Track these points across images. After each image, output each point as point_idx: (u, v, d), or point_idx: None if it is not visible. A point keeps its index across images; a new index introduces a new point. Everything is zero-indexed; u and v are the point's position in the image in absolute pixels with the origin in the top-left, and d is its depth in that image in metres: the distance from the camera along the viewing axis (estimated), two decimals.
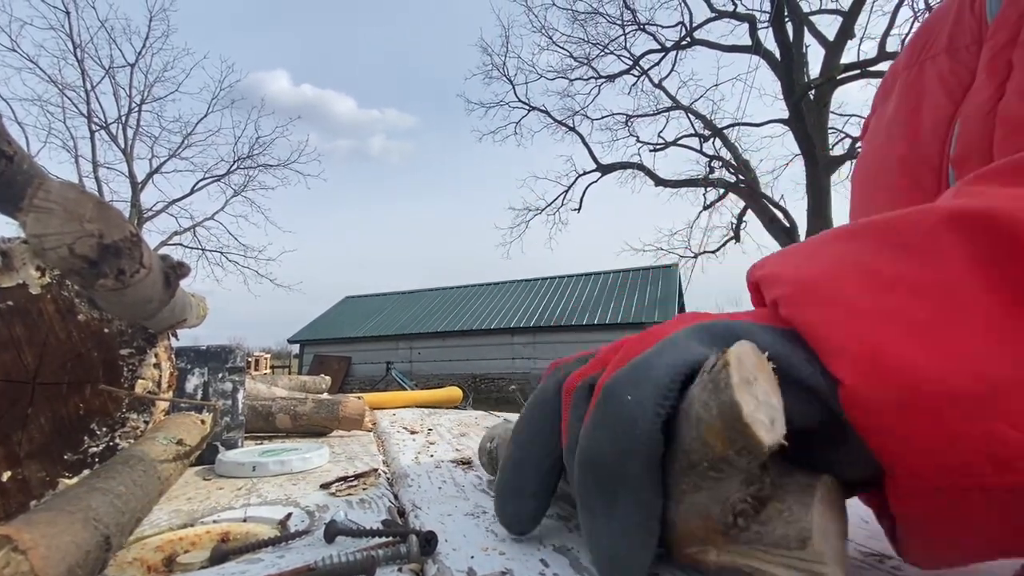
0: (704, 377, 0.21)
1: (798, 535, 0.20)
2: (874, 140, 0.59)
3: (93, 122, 11.81)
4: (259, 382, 1.06)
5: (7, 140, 0.42)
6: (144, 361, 0.45)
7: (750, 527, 0.21)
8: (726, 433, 0.20)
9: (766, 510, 0.21)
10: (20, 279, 0.40)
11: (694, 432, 0.21)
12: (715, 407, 0.20)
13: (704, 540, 0.23)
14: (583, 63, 10.67)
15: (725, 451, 0.20)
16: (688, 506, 0.23)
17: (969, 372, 0.18)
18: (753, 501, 0.21)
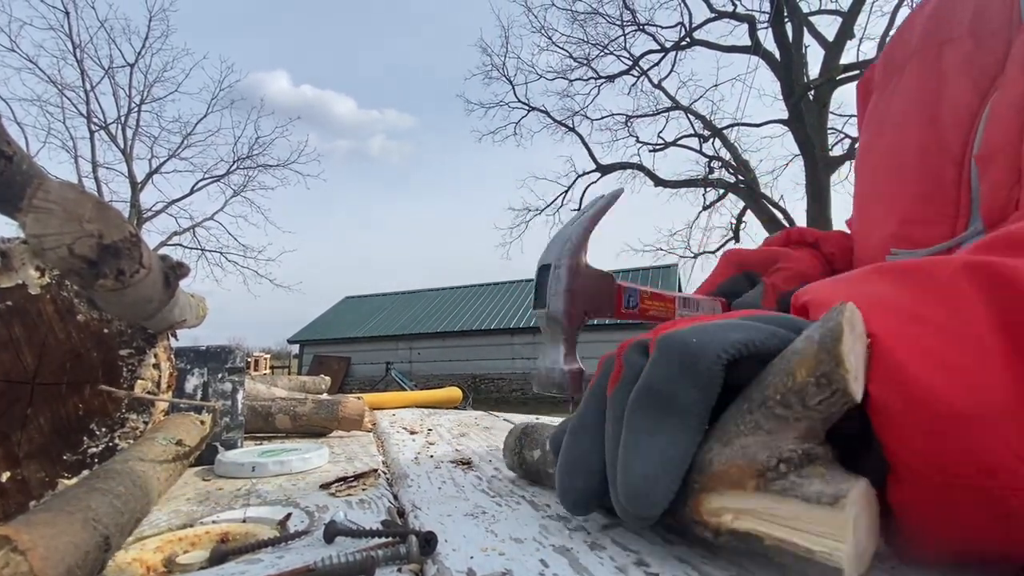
0: (814, 324, 0.23)
1: (834, 493, 0.21)
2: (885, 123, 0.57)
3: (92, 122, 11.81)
4: (259, 382, 1.06)
5: (6, 140, 0.42)
6: (143, 361, 0.45)
7: (788, 475, 0.22)
8: (817, 357, 0.22)
9: (811, 467, 0.22)
10: (19, 279, 0.40)
11: (782, 364, 0.23)
12: (817, 335, 0.22)
13: (735, 485, 0.24)
14: (583, 63, 10.68)
15: (806, 379, 0.22)
16: (736, 448, 0.24)
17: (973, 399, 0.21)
18: (802, 454, 0.23)
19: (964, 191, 0.47)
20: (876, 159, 0.59)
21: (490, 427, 0.87)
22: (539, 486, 0.47)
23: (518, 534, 0.34)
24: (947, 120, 0.48)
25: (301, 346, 14.48)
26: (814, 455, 0.22)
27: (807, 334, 0.23)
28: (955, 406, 0.21)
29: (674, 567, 0.28)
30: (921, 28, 0.54)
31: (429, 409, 1.24)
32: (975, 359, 0.21)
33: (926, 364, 0.22)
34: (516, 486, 0.47)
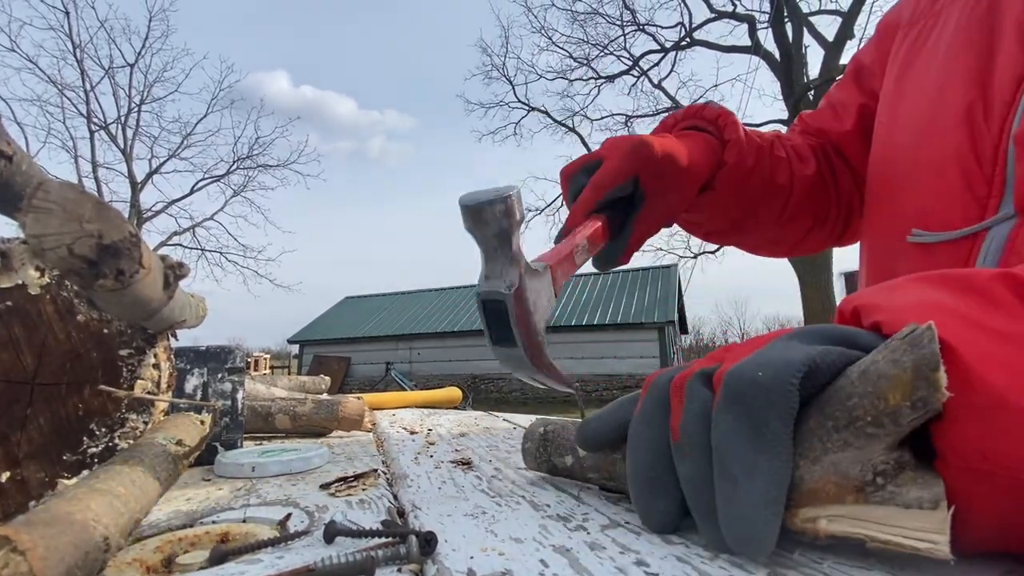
0: (894, 342, 0.24)
1: (932, 497, 0.22)
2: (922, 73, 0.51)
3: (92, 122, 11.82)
4: (258, 382, 1.06)
5: (6, 140, 0.42)
6: (143, 361, 0.45)
7: (887, 487, 0.23)
8: (913, 383, 0.22)
9: (903, 475, 0.23)
10: (19, 279, 0.40)
11: (868, 388, 0.24)
12: (909, 361, 0.23)
13: (832, 499, 0.25)
14: (583, 63, 10.68)
15: (901, 403, 0.23)
16: (827, 465, 0.25)
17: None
18: (895, 464, 0.24)
19: (1000, 170, 0.43)
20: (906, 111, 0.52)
21: (490, 427, 0.87)
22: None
23: (518, 534, 0.34)
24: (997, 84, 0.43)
25: (301, 346, 14.47)
26: (904, 462, 0.24)
27: (893, 358, 0.23)
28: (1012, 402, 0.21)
29: (674, 567, 0.28)
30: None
31: (429, 409, 1.24)
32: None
33: (987, 361, 0.22)
34: (516, 486, 0.47)
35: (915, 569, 0.27)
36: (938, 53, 0.49)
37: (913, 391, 0.22)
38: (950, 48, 0.48)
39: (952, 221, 0.46)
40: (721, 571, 0.28)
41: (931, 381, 0.22)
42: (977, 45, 0.46)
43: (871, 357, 0.25)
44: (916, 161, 0.50)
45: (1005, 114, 0.43)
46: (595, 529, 0.35)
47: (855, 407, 0.24)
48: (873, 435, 0.24)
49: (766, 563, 0.28)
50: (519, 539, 0.33)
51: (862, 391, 0.24)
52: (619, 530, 0.34)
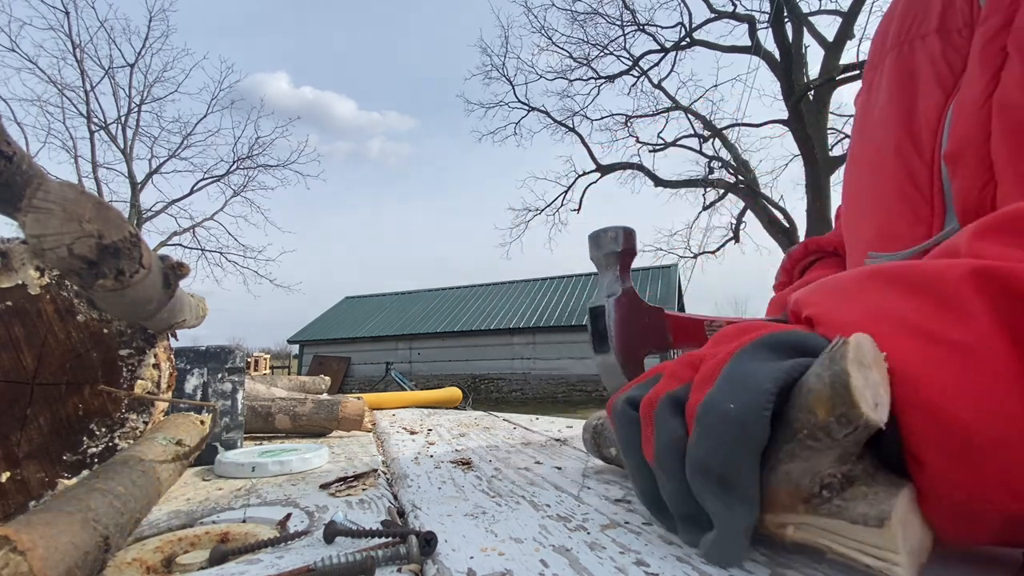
0: (823, 356, 0.23)
1: (878, 515, 0.22)
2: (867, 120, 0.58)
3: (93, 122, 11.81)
4: (258, 382, 1.06)
5: (6, 140, 0.42)
6: (143, 361, 0.45)
7: (833, 500, 0.23)
8: (831, 400, 0.22)
9: (852, 489, 0.23)
10: (19, 280, 0.40)
11: (803, 400, 0.23)
12: (827, 376, 0.22)
13: (787, 508, 0.25)
14: (583, 63, 10.68)
15: (827, 418, 0.22)
16: (780, 474, 0.25)
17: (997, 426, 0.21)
18: (842, 478, 0.23)
19: (937, 192, 0.47)
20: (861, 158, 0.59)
21: (490, 427, 0.87)
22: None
23: (518, 534, 0.34)
24: (920, 119, 0.48)
25: (301, 346, 14.47)
26: (853, 476, 0.23)
27: (817, 371, 0.23)
28: (982, 434, 0.21)
29: (674, 567, 0.28)
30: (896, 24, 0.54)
31: (429, 409, 1.24)
32: (994, 383, 0.21)
33: (949, 392, 0.22)
34: (516, 486, 0.47)
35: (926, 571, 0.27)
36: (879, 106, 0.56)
37: (833, 407, 0.22)
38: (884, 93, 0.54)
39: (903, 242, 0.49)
40: (721, 571, 0.28)
41: (846, 397, 0.21)
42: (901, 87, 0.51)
43: (812, 369, 0.24)
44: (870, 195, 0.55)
45: (933, 141, 0.47)
46: (595, 529, 0.35)
47: (795, 420, 0.24)
48: (814, 448, 0.23)
49: (766, 562, 0.28)
50: (519, 539, 0.33)
51: (799, 404, 0.24)
52: (619, 530, 0.34)
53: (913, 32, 0.51)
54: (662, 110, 10.42)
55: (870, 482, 0.23)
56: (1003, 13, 0.42)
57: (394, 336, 13.20)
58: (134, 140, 12.21)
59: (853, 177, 0.61)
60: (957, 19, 0.47)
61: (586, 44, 10.51)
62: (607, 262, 0.59)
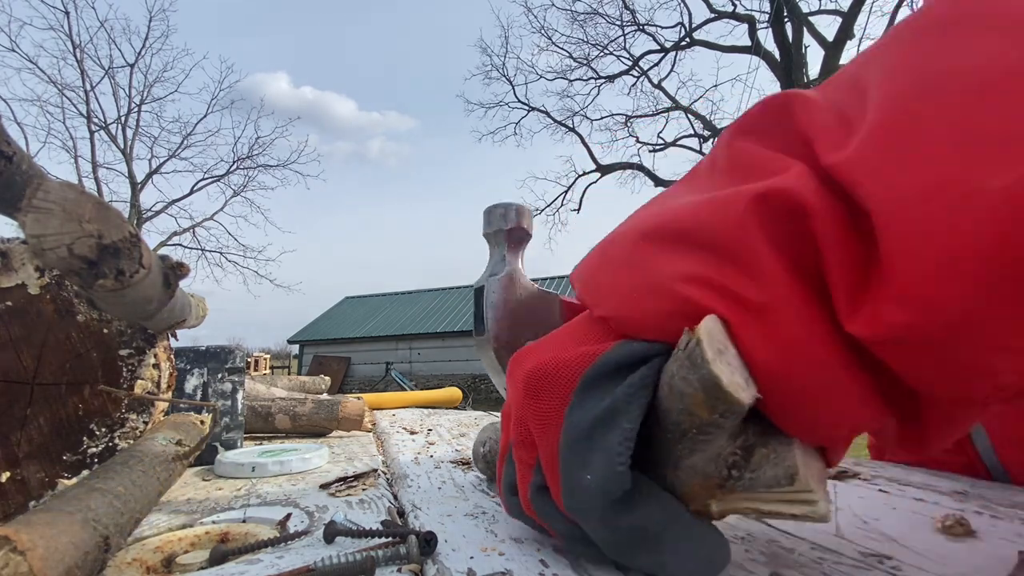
0: (680, 355, 0.23)
1: (786, 473, 0.22)
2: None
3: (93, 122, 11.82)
4: (258, 382, 1.06)
5: (6, 140, 0.42)
6: (143, 361, 0.45)
7: (743, 476, 0.23)
8: (709, 403, 0.22)
9: (754, 457, 0.23)
10: (19, 279, 0.40)
11: (680, 404, 0.23)
12: (696, 381, 0.22)
13: (704, 497, 0.25)
14: (582, 63, 10.68)
15: (711, 416, 0.22)
16: (686, 470, 0.24)
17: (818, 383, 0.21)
18: (742, 452, 0.23)
19: None
20: None
21: None
22: None
23: (518, 534, 0.34)
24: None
25: (301, 346, 14.47)
26: (750, 445, 0.23)
27: (683, 375, 0.22)
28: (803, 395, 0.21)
29: None
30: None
31: (429, 409, 1.24)
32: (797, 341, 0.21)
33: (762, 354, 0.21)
34: None
35: (916, 568, 0.27)
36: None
37: (714, 407, 0.22)
38: None
39: None
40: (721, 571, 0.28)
41: (722, 398, 0.21)
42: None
43: (670, 369, 0.23)
44: None
45: None
46: None
47: (679, 422, 0.23)
48: (708, 438, 0.23)
49: (766, 562, 0.28)
50: (519, 539, 0.33)
51: (676, 407, 0.23)
52: None
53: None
54: (662, 110, 10.42)
55: (765, 441, 0.23)
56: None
57: (394, 336, 13.21)
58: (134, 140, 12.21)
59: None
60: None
61: (586, 44, 10.52)
62: (496, 239, 0.55)
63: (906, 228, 0.18)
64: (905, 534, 0.32)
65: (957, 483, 0.44)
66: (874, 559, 0.28)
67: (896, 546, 0.30)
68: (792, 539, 0.32)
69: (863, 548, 0.30)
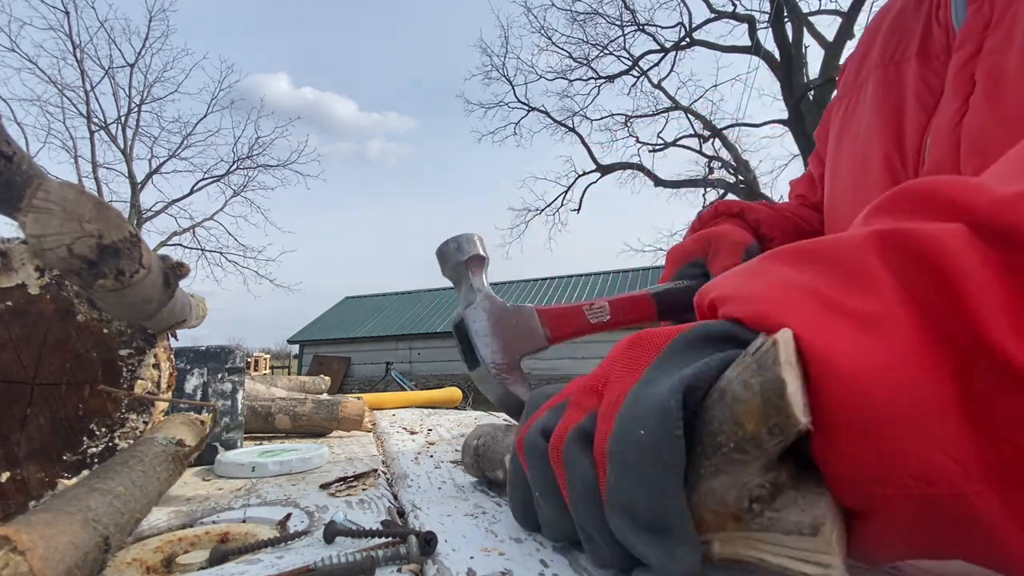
0: (747, 359, 0.21)
1: (812, 522, 0.20)
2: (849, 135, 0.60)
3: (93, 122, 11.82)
4: (258, 382, 1.06)
5: (6, 140, 0.42)
6: (143, 361, 0.45)
7: (764, 513, 0.21)
8: (764, 410, 0.20)
9: (781, 497, 0.21)
10: (19, 279, 0.40)
11: (726, 412, 0.21)
12: (757, 384, 0.20)
13: (714, 527, 0.23)
14: (582, 63, 10.68)
15: (758, 429, 0.20)
16: (703, 492, 0.23)
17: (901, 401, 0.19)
18: (770, 487, 0.21)
19: None
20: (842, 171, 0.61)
21: None
22: None
23: (518, 534, 0.34)
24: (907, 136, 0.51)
25: (301, 346, 14.47)
26: (780, 483, 0.21)
27: (744, 378, 0.21)
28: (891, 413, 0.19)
29: None
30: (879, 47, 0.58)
31: (429, 409, 1.24)
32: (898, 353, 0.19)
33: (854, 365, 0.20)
34: None
35: (916, 567, 0.27)
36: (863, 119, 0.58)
37: (765, 418, 0.20)
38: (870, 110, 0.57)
39: None
40: (721, 571, 0.28)
41: (780, 408, 0.19)
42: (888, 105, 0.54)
43: (729, 373, 0.22)
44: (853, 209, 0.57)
45: (916, 159, 0.50)
46: None
47: (718, 432, 0.22)
48: (741, 461, 0.21)
49: None
50: (519, 539, 0.33)
51: (721, 415, 0.22)
52: None
53: (898, 55, 0.55)
54: (662, 110, 10.42)
55: (797, 485, 0.21)
56: (974, 41, 0.45)
57: (394, 336, 13.20)
58: (134, 140, 12.22)
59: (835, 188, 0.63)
60: (935, 45, 0.51)
61: (586, 44, 10.52)
62: (457, 274, 0.56)
63: None
64: None
65: None
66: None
67: None
68: None
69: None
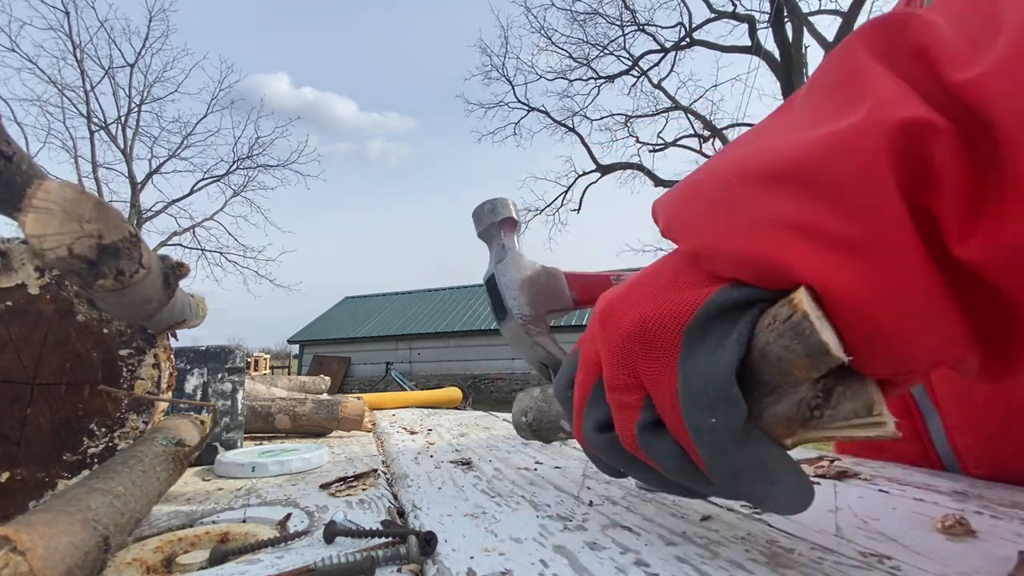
0: (780, 326, 0.24)
1: (864, 405, 0.23)
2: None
3: (93, 122, 11.82)
4: (258, 382, 1.06)
5: (6, 140, 0.42)
6: (143, 361, 0.45)
7: (824, 413, 0.24)
8: (811, 362, 0.23)
9: (833, 396, 0.24)
10: (19, 279, 0.40)
11: (774, 368, 0.24)
12: (802, 350, 0.23)
13: (785, 435, 0.26)
14: (582, 64, 10.68)
15: (807, 374, 0.23)
16: (768, 416, 0.26)
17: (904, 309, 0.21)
18: (824, 394, 0.24)
19: None
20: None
21: (490, 427, 0.87)
22: (540, 485, 0.47)
23: (518, 534, 0.34)
24: None
25: (301, 346, 14.47)
26: (829, 386, 0.24)
27: (783, 343, 0.23)
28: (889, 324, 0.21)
29: (674, 567, 0.28)
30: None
31: (429, 409, 1.24)
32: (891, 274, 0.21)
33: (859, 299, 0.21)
34: (516, 486, 0.47)
35: (916, 568, 0.27)
36: None
37: (814, 368, 0.23)
38: None
39: None
40: (721, 571, 0.28)
41: (825, 360, 0.22)
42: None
43: (764, 337, 0.24)
44: None
45: None
46: (595, 529, 0.35)
47: (770, 381, 0.25)
48: (795, 391, 0.25)
49: (766, 562, 0.28)
50: (519, 539, 0.33)
51: (770, 371, 0.24)
52: (619, 530, 0.34)
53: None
54: (662, 110, 10.42)
55: (842, 379, 0.24)
56: None
57: (394, 336, 13.20)
58: (134, 140, 12.22)
59: None
60: None
61: (586, 44, 10.52)
62: (490, 234, 0.60)
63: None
64: (905, 534, 0.32)
65: (957, 483, 0.44)
66: (874, 559, 0.29)
67: (896, 546, 0.30)
68: (792, 539, 0.32)
69: (863, 548, 0.30)
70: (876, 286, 0.21)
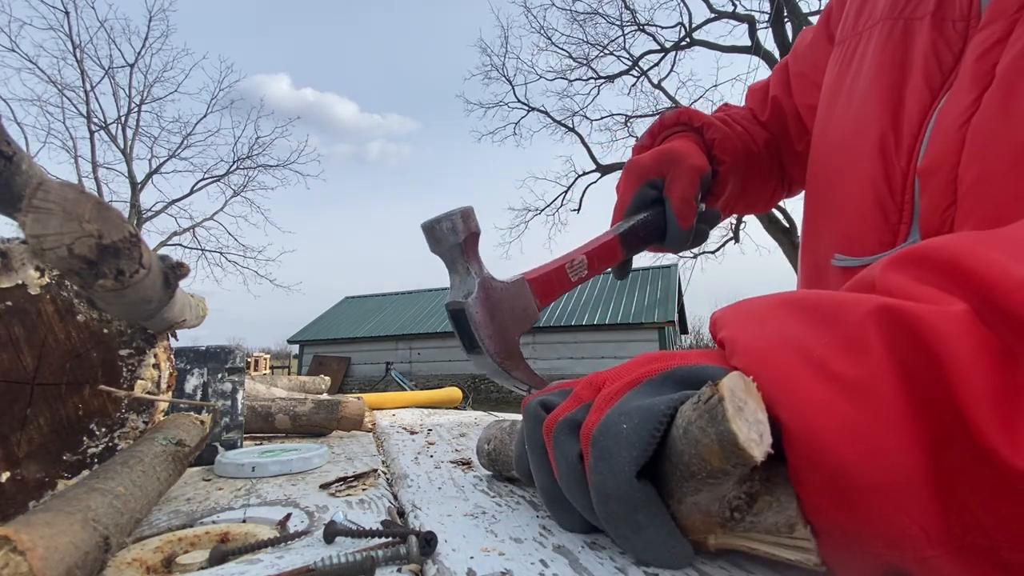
0: (700, 406, 0.24)
1: (787, 522, 0.23)
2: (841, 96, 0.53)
3: (92, 122, 11.81)
4: (258, 382, 1.06)
5: (6, 140, 0.42)
6: (143, 361, 0.45)
7: (744, 518, 0.25)
8: (722, 454, 0.23)
9: (758, 503, 0.24)
10: (19, 279, 0.40)
11: (692, 451, 0.24)
12: (713, 434, 0.23)
13: (704, 531, 0.26)
14: (582, 63, 10.67)
15: (722, 465, 0.23)
16: (689, 505, 0.26)
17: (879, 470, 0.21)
18: (746, 497, 0.25)
19: (908, 200, 0.45)
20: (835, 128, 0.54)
21: None
22: None
23: (518, 534, 0.34)
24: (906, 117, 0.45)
25: (301, 346, 14.48)
26: (754, 492, 0.25)
27: (700, 425, 0.24)
28: (862, 477, 0.21)
29: None
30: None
31: (429, 409, 1.24)
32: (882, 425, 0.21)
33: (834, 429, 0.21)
34: (516, 486, 0.47)
35: None
36: (859, 79, 0.51)
37: (726, 459, 0.23)
38: (868, 75, 0.50)
39: (870, 246, 0.47)
40: (721, 571, 0.28)
41: (738, 455, 0.22)
42: (890, 74, 0.47)
43: (688, 413, 0.25)
44: (840, 186, 0.52)
45: (912, 146, 0.44)
46: (595, 529, 0.35)
47: (690, 463, 0.25)
48: (716, 482, 0.25)
49: (766, 562, 0.28)
50: (519, 539, 0.33)
51: (689, 451, 0.25)
52: None
53: (908, 10, 0.47)
54: (662, 110, 10.41)
55: (771, 489, 0.24)
56: (1005, 22, 0.39)
57: (394, 336, 13.21)
58: (134, 140, 12.21)
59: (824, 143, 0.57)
60: (954, 10, 0.44)
61: (586, 44, 10.51)
62: (452, 256, 0.51)
63: None
64: None
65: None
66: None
67: None
68: None
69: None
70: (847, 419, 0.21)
